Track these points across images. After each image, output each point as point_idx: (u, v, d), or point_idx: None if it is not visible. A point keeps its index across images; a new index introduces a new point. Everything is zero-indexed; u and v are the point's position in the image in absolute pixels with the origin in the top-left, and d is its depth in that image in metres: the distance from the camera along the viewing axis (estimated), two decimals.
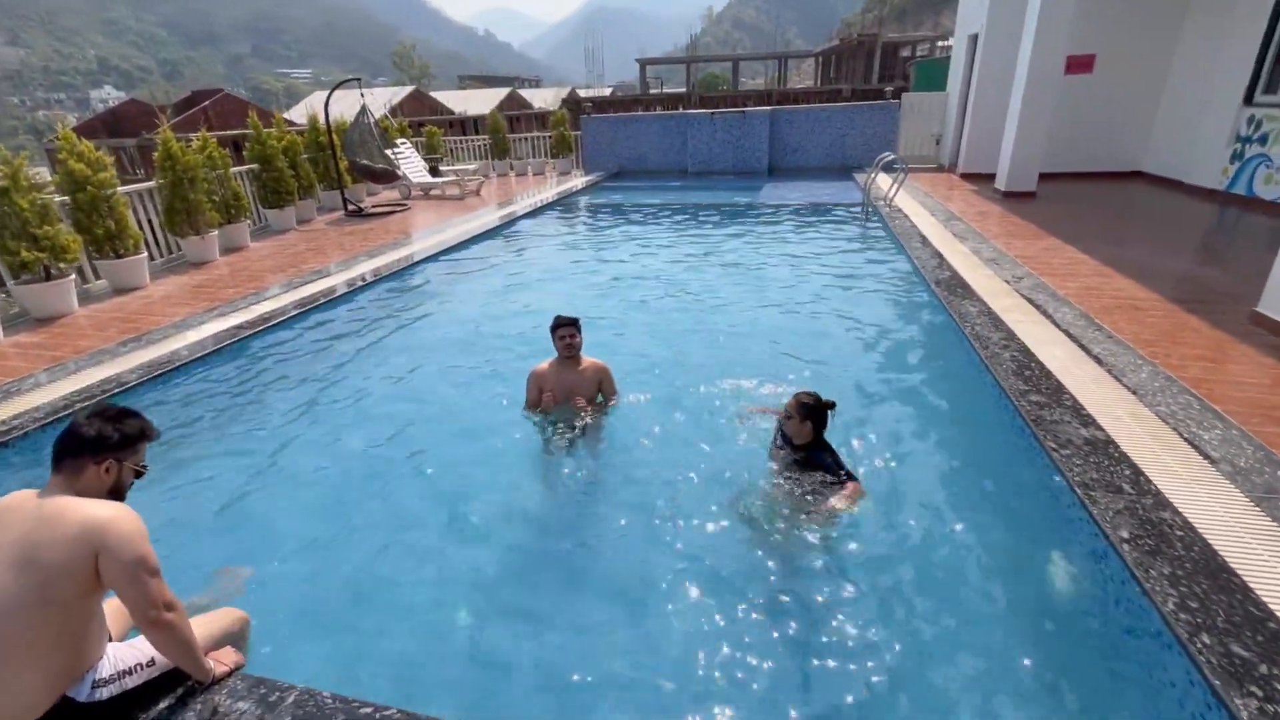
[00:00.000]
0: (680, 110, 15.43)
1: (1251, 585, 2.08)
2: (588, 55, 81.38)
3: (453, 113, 36.45)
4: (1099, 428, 3.07)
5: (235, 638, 2.07)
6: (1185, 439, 2.95)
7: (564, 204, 11.38)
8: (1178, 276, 5.42)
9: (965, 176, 11.32)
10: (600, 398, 3.83)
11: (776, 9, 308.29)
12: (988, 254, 6.30)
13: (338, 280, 6.54)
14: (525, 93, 56.88)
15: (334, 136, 10.37)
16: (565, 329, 3.63)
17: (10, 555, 1.61)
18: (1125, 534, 2.34)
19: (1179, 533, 2.34)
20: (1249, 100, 8.31)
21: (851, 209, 9.64)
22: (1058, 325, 4.41)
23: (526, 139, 16.17)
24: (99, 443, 1.79)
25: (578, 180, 13.43)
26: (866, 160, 13.17)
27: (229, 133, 15.73)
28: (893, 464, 3.40)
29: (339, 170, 10.53)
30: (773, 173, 13.59)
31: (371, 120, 10.54)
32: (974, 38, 11.37)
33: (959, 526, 2.92)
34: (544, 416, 3.72)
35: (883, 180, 10.05)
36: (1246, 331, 4.19)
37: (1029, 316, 4.59)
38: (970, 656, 2.31)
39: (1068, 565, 2.58)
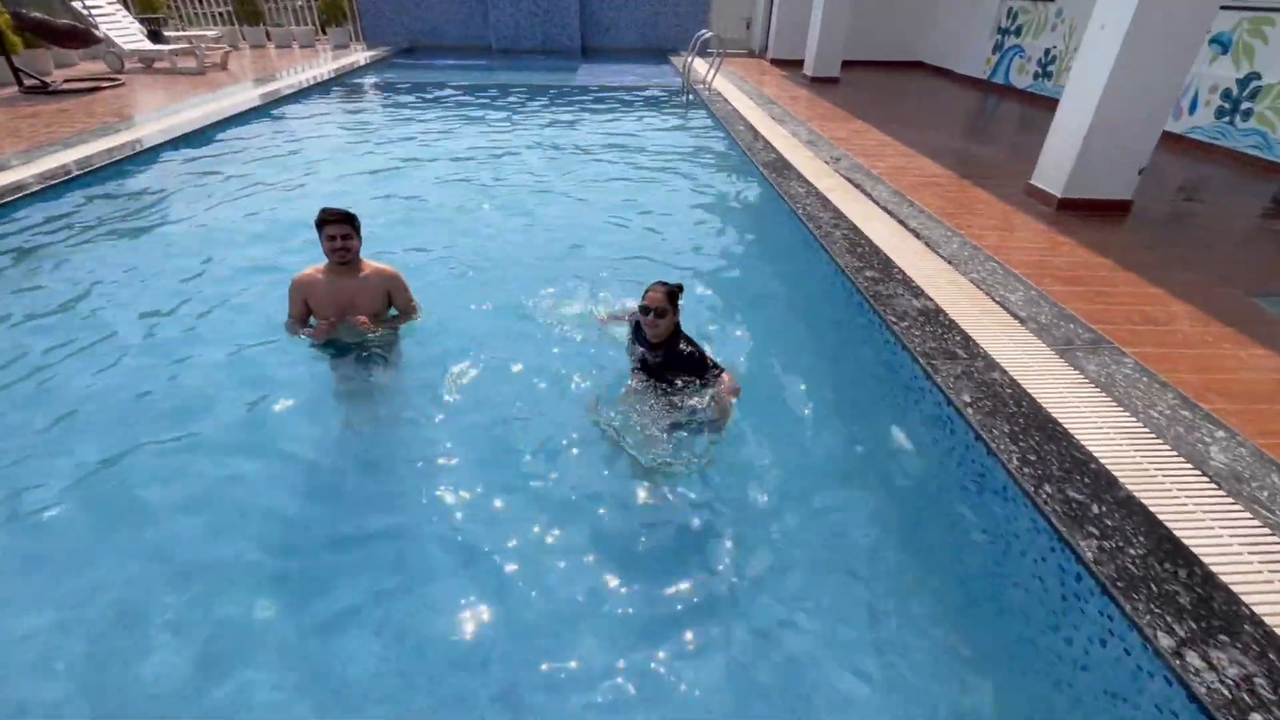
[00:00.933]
0: None
1: (1072, 432, 2.24)
2: None
3: None
4: (928, 298, 3.17)
5: None
6: (997, 302, 3.15)
7: (344, 83, 9.49)
8: (963, 156, 5.90)
9: (775, 62, 11.39)
10: (393, 312, 3.09)
11: None
12: (805, 136, 6.34)
13: (20, 175, 4.73)
14: None
15: None
16: (334, 226, 2.78)
17: None
18: (967, 398, 2.41)
19: (1008, 390, 2.46)
20: None
21: (671, 92, 9.22)
22: (876, 202, 4.53)
23: (286, 4, 13.08)
24: None
25: (359, 55, 11.27)
26: (680, 44, 12.69)
27: None
28: (742, 343, 3.27)
29: None
30: (586, 53, 12.57)
31: None
32: None
33: (813, 406, 2.89)
34: (317, 342, 2.93)
35: (699, 65, 9.70)
36: (1022, 201, 4.65)
37: (851, 195, 4.67)
38: (839, 538, 2.29)
39: (915, 432, 2.65)
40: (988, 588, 2.10)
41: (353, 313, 2.90)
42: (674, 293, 2.57)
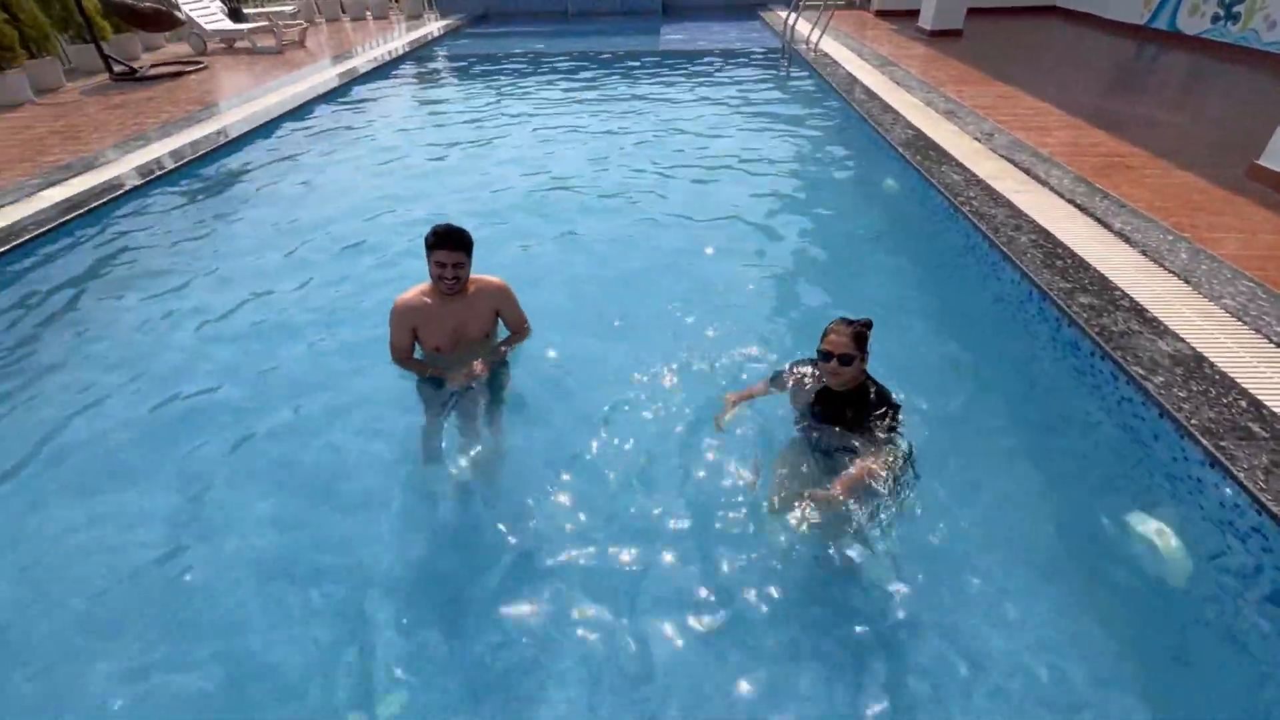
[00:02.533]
0: None
1: None
2: None
3: None
4: (1178, 338, 2.41)
5: None
6: (1276, 344, 2.37)
7: (420, 56, 9.09)
8: (1147, 125, 4.85)
9: (881, 14, 10.17)
10: (503, 334, 2.62)
11: None
12: (943, 105, 5.42)
13: (99, 178, 4.55)
14: None
15: None
16: (445, 253, 2.28)
17: None
18: None
19: None
20: None
21: (770, 55, 8.31)
22: (1059, 194, 3.68)
23: None
24: None
25: (433, 25, 10.85)
26: None
27: None
28: (908, 391, 2.61)
29: (84, 12, 7.51)
30: (667, 12, 11.67)
31: None
32: None
33: (1013, 486, 2.23)
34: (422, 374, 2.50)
35: (800, 22, 8.69)
36: (1251, 189, 3.69)
37: (1023, 184, 3.83)
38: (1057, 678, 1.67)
39: (1190, 541, 1.95)
40: None
41: (464, 338, 2.47)
42: (861, 333, 1.94)
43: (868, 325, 1.95)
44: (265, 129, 5.82)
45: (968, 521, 2.06)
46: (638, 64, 8.22)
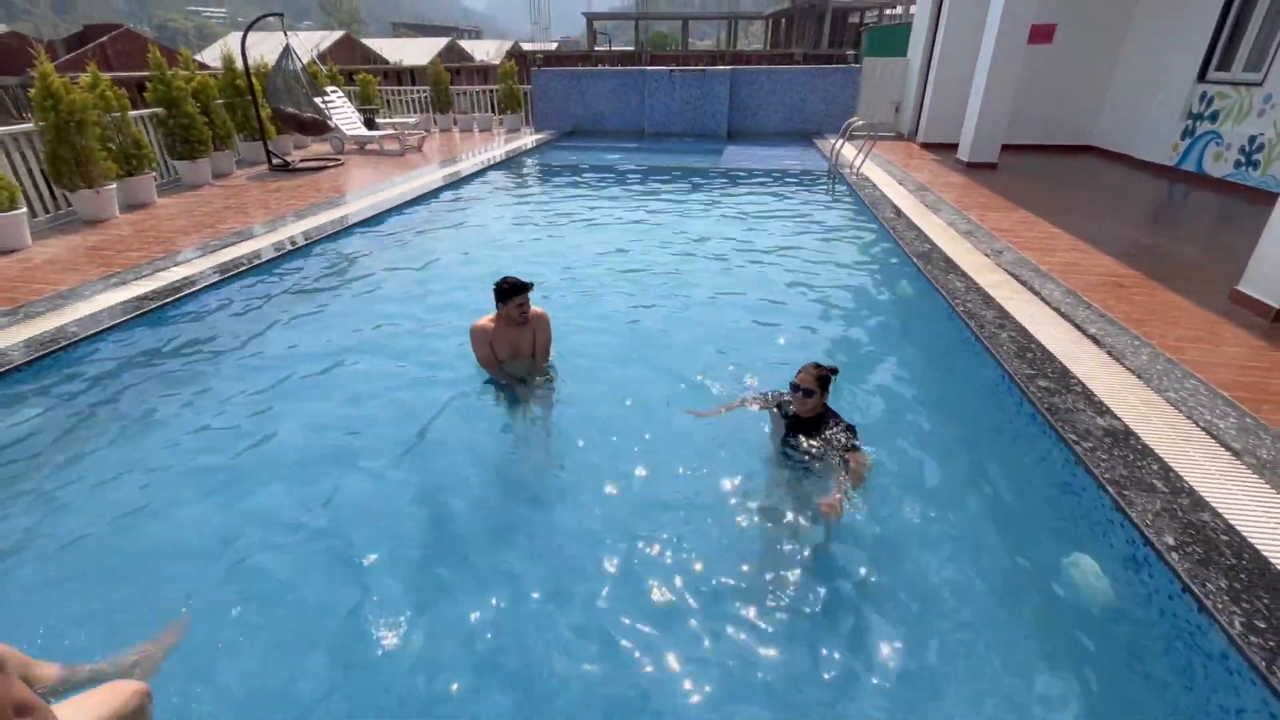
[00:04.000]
0: (637, 66, 14.71)
1: None
2: (532, 7, 77.67)
3: (387, 62, 33.99)
4: (1115, 416, 2.90)
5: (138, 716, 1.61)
6: (1202, 428, 2.82)
7: (514, 163, 10.64)
8: (1150, 252, 5.39)
9: (925, 146, 11.22)
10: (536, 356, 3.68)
11: None
12: (963, 226, 6.14)
13: (263, 243, 5.78)
14: (466, 44, 54.06)
15: (254, 80, 9.23)
16: (520, 295, 3.35)
17: None
18: (1170, 540, 2.15)
19: (1224, 538, 2.17)
20: (1202, 77, 8.43)
21: (817, 177, 9.36)
22: (1047, 303, 4.26)
23: (469, 93, 15.08)
24: None
25: (528, 138, 12.63)
26: (826, 126, 12.92)
27: (130, 74, 13.92)
28: (893, 445, 3.15)
29: (260, 119, 9.43)
30: (731, 136, 13.16)
31: (298, 64, 9.43)
32: (938, 3, 11.13)
33: (972, 524, 2.71)
34: (494, 377, 3.61)
35: (847, 150, 9.80)
36: (1228, 310, 4.15)
37: (1018, 294, 4.43)
38: (1004, 683, 2.09)
39: (1103, 569, 2.38)
40: None
41: (519, 354, 3.56)
42: (825, 377, 2.67)
43: (833, 371, 2.63)
44: (388, 213, 7.11)
45: (935, 541, 2.57)
46: (701, 178, 9.42)
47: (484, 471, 3.14)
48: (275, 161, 9.56)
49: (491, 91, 14.85)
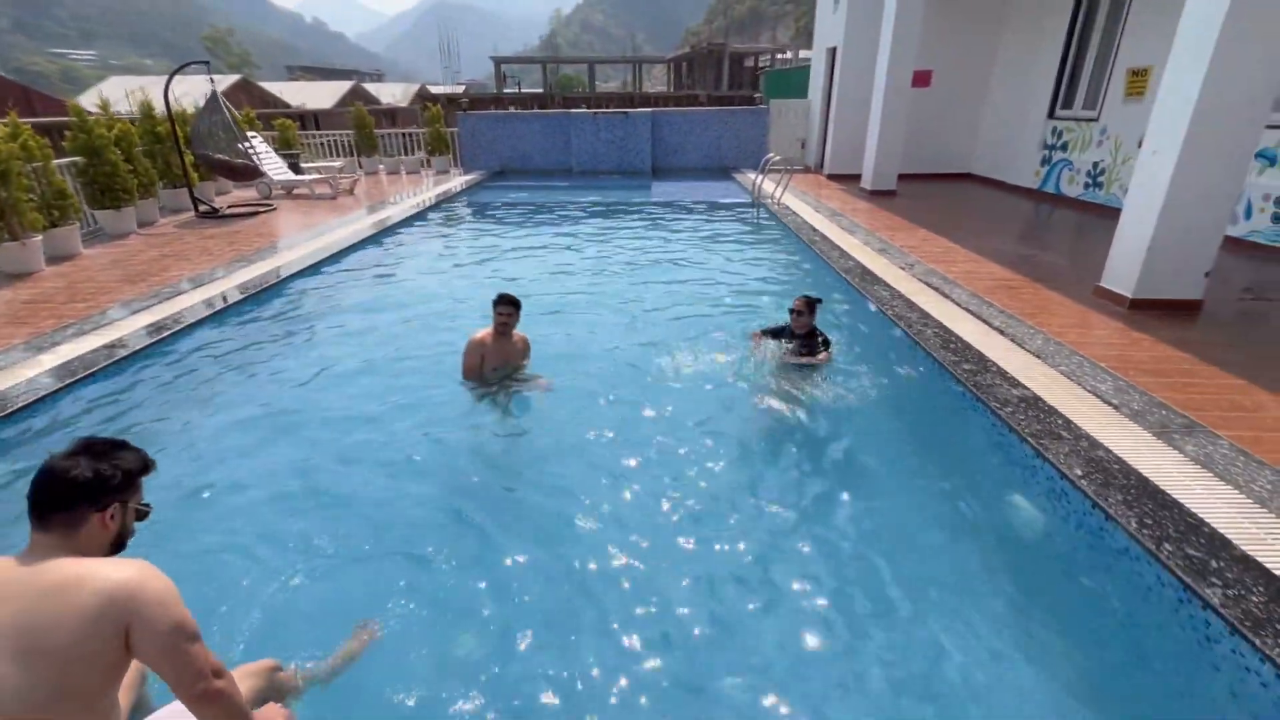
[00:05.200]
0: (562, 110, 15.37)
1: (1182, 501, 2.56)
2: (443, 50, 77.92)
3: (289, 106, 33.10)
4: (1025, 388, 3.58)
5: (274, 690, 1.80)
6: (1089, 391, 3.54)
7: (451, 204, 10.86)
8: (1028, 260, 6.40)
9: (832, 177, 12.43)
10: (526, 364, 4.25)
11: (624, 14, 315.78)
12: (877, 245, 7.01)
13: (215, 291, 5.74)
14: (371, 87, 53.39)
15: (176, 127, 9.03)
16: (505, 307, 3.92)
17: (8, 645, 1.26)
18: (1079, 471, 2.78)
19: (1116, 466, 2.82)
20: (1052, 114, 10.00)
21: (743, 207, 10.20)
22: (957, 304, 5.03)
23: (394, 135, 15.18)
24: (100, 485, 1.45)
25: (458, 180, 12.87)
26: (742, 161, 14.00)
27: (37, 120, 12.99)
28: (842, 430, 3.71)
29: (185, 165, 9.20)
30: (656, 173, 13.97)
31: (228, 111, 9.33)
32: (832, 51, 12.51)
33: (921, 484, 3.28)
34: (477, 384, 4.03)
35: (767, 182, 10.73)
36: (1094, 302, 5.08)
37: (933, 298, 5.20)
38: (956, 594, 2.61)
39: (1030, 503, 2.98)
40: (1119, 637, 2.37)
41: (505, 362, 4.05)
42: (811, 302, 4.29)
43: (818, 300, 4.30)
44: (332, 259, 7.18)
45: (888, 493, 3.10)
46: (640, 210, 10.03)
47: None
48: (203, 208, 9.32)
49: (415, 135, 15.02)
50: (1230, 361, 3.92)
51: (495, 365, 4.04)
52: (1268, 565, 2.20)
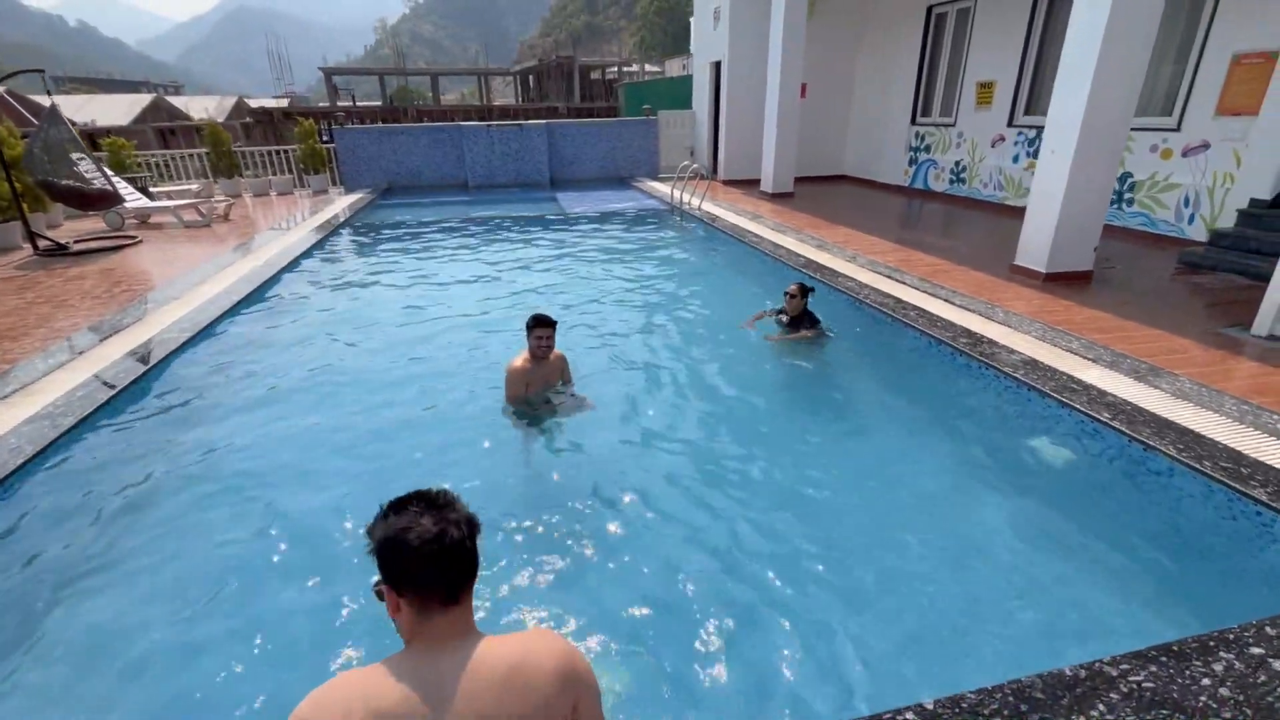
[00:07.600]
0: (452, 122, 14.68)
1: (1176, 421, 3.18)
2: (271, 59, 70.68)
3: (74, 123, 28.23)
4: (1019, 352, 4.18)
5: None
6: (1064, 349, 4.22)
7: (347, 226, 9.96)
8: (939, 248, 7.34)
9: (728, 183, 13.20)
10: (561, 385, 4.10)
11: (454, 26, 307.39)
12: (814, 242, 7.63)
13: (126, 344, 4.89)
14: (177, 101, 47.25)
15: (2, 150, 7.45)
16: (543, 330, 3.71)
17: None
18: (1107, 415, 3.34)
19: (1127, 405, 3.42)
20: (914, 120, 11.48)
21: (664, 215, 10.51)
22: (914, 288, 5.68)
23: (258, 153, 13.66)
24: (475, 548, 1.25)
25: (344, 200, 11.89)
26: (636, 170, 14.37)
27: None
28: (850, 414, 4.10)
29: (16, 194, 7.62)
30: (554, 184, 13.90)
31: (68, 129, 7.86)
32: (716, 65, 13.30)
33: (945, 451, 3.73)
34: (522, 409, 3.88)
35: (679, 188, 11.15)
36: (1013, 278, 5.99)
37: (892, 284, 5.81)
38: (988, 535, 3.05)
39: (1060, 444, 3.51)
40: (1173, 540, 2.89)
41: (546, 385, 3.91)
42: (805, 288, 4.83)
43: (811, 289, 4.81)
44: (243, 302, 6.40)
45: (901, 445, 3.51)
46: (541, 225, 9.76)
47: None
48: (44, 244, 7.78)
49: (283, 152, 13.64)
50: (1139, 315, 4.86)
51: (538, 389, 3.89)
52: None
